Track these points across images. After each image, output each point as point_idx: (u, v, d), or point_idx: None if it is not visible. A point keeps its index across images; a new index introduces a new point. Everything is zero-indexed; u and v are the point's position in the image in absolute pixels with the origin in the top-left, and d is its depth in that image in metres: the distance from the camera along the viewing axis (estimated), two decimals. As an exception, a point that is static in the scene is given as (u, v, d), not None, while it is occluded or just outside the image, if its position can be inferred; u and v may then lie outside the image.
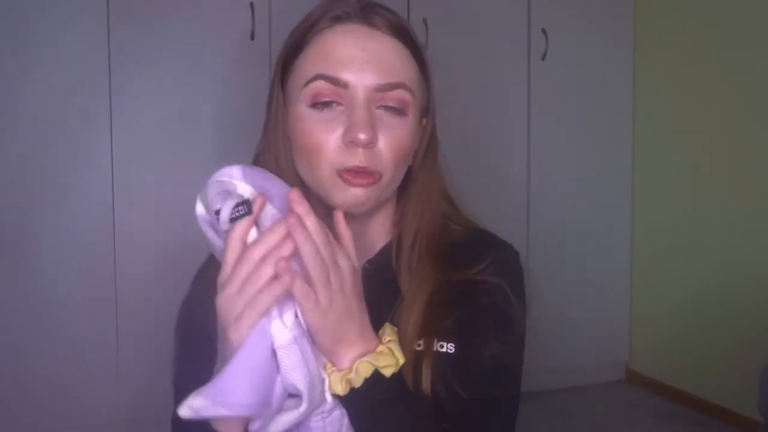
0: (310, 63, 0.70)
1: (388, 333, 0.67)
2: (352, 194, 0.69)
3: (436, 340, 0.71)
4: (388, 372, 0.62)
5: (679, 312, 2.71)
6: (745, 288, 2.41)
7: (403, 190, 0.77)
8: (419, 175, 0.76)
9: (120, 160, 2.21)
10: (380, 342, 0.65)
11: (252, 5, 2.30)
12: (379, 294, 0.72)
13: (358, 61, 0.68)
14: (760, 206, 2.36)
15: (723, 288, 2.50)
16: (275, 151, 0.73)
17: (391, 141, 0.69)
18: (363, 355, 0.62)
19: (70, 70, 2.14)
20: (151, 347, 2.23)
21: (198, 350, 0.69)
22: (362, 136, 0.66)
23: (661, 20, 2.78)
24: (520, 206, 2.69)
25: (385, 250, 0.78)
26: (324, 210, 0.71)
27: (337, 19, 0.70)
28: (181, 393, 0.70)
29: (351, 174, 0.68)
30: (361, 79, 0.67)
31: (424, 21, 2.43)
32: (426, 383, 0.68)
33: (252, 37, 2.31)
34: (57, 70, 2.13)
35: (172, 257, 2.29)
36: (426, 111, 0.76)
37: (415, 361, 0.69)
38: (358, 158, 0.67)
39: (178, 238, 2.28)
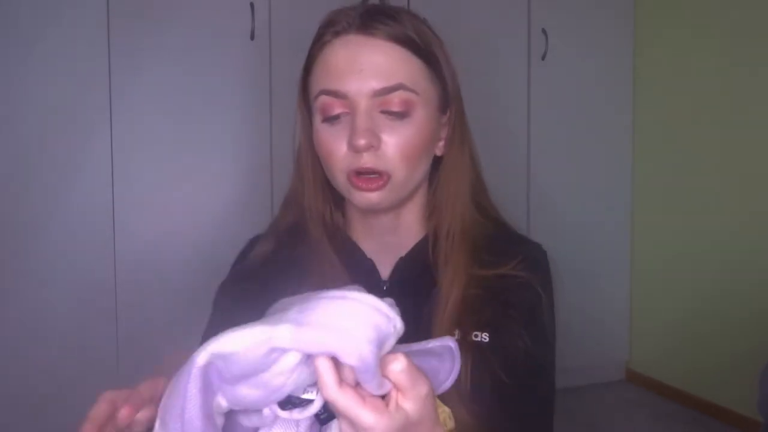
0: (315, 80, 0.74)
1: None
2: (366, 198, 0.73)
3: (471, 332, 0.73)
4: None
5: (679, 312, 2.70)
6: (745, 288, 2.41)
7: (434, 181, 0.81)
8: (446, 166, 0.79)
9: (120, 160, 2.21)
10: None
11: (252, 5, 2.30)
12: (415, 287, 0.77)
13: (353, 70, 0.71)
14: (761, 207, 2.36)
15: (723, 288, 2.50)
16: (304, 159, 0.80)
17: (396, 141, 0.72)
18: None
19: (70, 70, 2.14)
20: (151, 347, 2.23)
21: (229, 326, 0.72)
22: (360, 142, 0.70)
23: (661, 20, 2.78)
24: (519, 206, 2.69)
25: (419, 246, 0.80)
26: (358, 210, 0.78)
27: (336, 34, 0.73)
28: None
29: (360, 179, 0.72)
30: (358, 87, 0.70)
31: (424, 21, 2.43)
32: (464, 373, 0.69)
33: (252, 37, 2.31)
34: (57, 70, 2.13)
35: (171, 256, 2.29)
36: (445, 104, 0.78)
37: None
38: (362, 160, 0.71)
39: (178, 237, 2.29)
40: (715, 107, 2.53)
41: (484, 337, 0.73)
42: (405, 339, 0.67)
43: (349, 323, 0.46)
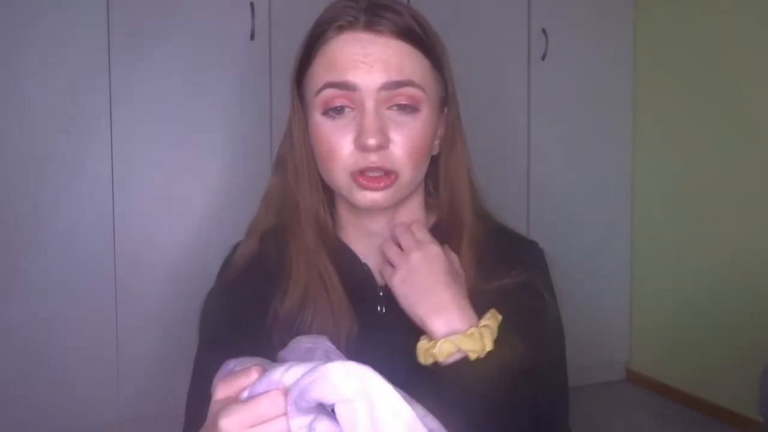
0: (318, 73, 0.71)
1: (490, 316, 0.69)
2: (370, 198, 0.71)
3: None
4: (472, 356, 0.65)
5: (679, 312, 2.70)
6: (745, 288, 2.41)
7: (429, 179, 0.79)
8: (447, 166, 0.78)
9: (120, 160, 2.21)
10: (476, 324, 0.67)
11: (252, 5, 2.30)
12: None
13: (363, 63, 0.69)
14: (762, 207, 2.36)
15: (723, 288, 2.50)
16: (299, 157, 0.76)
17: (404, 139, 0.70)
18: (455, 332, 0.66)
19: (70, 71, 2.14)
20: (151, 347, 2.23)
21: (219, 342, 0.72)
22: (372, 141, 0.68)
23: (661, 20, 2.78)
24: (519, 206, 2.69)
25: None
26: (351, 207, 0.76)
27: (341, 29, 0.70)
28: (198, 382, 0.72)
29: (365, 178, 0.70)
30: (367, 80, 0.68)
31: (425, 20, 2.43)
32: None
33: (252, 37, 2.31)
34: (57, 71, 2.13)
35: (171, 257, 2.29)
36: (445, 102, 0.77)
37: None
38: (371, 159, 0.69)
39: (177, 238, 2.29)
40: (716, 107, 2.53)
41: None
42: (404, 350, 0.67)
43: None
